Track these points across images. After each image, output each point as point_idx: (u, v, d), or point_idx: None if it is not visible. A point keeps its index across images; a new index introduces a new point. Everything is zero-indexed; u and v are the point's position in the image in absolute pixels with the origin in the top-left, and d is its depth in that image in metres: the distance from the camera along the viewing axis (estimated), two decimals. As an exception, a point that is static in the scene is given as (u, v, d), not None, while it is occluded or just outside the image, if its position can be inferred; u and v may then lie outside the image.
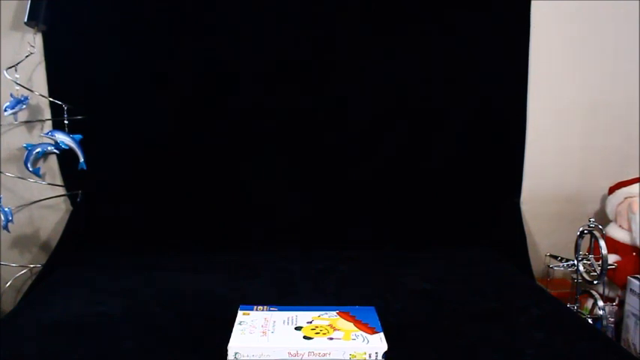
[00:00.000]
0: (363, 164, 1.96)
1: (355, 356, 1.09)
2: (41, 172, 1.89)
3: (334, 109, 1.93)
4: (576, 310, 1.75)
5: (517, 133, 1.98)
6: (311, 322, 1.18)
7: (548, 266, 1.85)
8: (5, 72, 1.76)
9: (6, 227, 1.75)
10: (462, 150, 1.96)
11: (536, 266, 1.93)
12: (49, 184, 1.92)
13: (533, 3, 1.91)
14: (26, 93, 1.79)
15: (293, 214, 1.95)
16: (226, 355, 1.09)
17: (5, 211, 1.73)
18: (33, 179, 1.86)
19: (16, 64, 1.77)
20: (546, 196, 2.04)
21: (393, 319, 1.27)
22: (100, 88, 1.87)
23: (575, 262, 1.76)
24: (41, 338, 1.23)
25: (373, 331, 1.15)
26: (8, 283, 1.87)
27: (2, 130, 1.88)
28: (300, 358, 1.09)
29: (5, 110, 1.75)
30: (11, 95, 1.76)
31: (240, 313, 1.22)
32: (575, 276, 1.77)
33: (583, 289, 1.80)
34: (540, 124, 2.00)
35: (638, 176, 1.98)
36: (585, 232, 1.76)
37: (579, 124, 2.03)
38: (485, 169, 1.98)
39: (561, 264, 1.81)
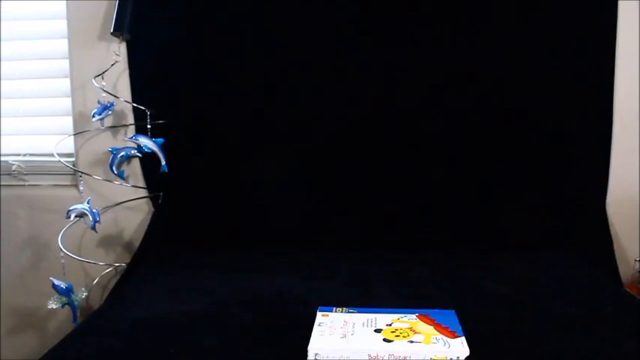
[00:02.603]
0: (440, 168, 1.93)
1: (436, 360, 1.08)
2: (125, 174, 1.97)
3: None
4: (669, 318, 1.66)
5: (603, 131, 1.89)
6: (390, 325, 1.17)
7: (638, 271, 1.76)
8: (93, 80, 1.85)
9: (94, 227, 1.83)
10: (545, 150, 1.90)
11: (625, 271, 1.84)
12: (133, 186, 2.00)
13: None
14: (112, 99, 1.88)
15: (368, 213, 1.94)
16: (306, 355, 1.10)
17: (93, 212, 1.81)
18: (118, 182, 1.94)
19: (103, 73, 1.86)
20: (635, 198, 1.93)
21: (472, 324, 1.24)
22: (180, 93, 1.94)
23: (668, 267, 1.67)
24: (128, 334, 1.28)
25: (454, 335, 1.13)
26: (95, 281, 1.96)
27: (90, 135, 1.98)
28: (379, 360, 1.09)
29: (93, 116, 1.84)
30: (98, 102, 1.85)
31: (319, 314, 1.23)
32: (667, 282, 1.68)
33: (676, 296, 1.70)
34: (628, 121, 1.90)
35: None
36: (678, 235, 1.67)
37: (671, 121, 1.92)
38: (571, 169, 1.90)
39: (652, 269, 1.72)
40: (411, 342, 1.11)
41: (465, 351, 1.08)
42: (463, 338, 1.12)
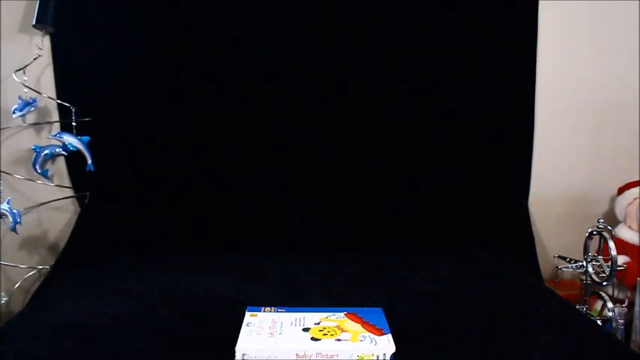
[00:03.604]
0: (368, 164, 1.95)
1: (363, 358, 1.09)
2: (49, 173, 1.90)
3: (336, 110, 1.93)
4: (585, 311, 1.74)
5: (525, 134, 1.97)
6: (319, 324, 1.18)
7: (557, 267, 1.84)
8: (14, 74, 1.77)
9: (14, 229, 1.75)
10: (469, 151, 1.96)
11: (545, 268, 1.92)
12: (58, 185, 1.93)
13: (540, 3, 1.90)
14: (34, 95, 1.80)
15: (295, 214, 1.95)
16: (234, 356, 1.09)
17: (14, 213, 1.74)
18: (41, 181, 1.87)
19: (25, 67, 1.78)
20: (555, 197, 2.03)
21: (400, 321, 1.26)
22: (107, 90, 1.88)
23: (584, 263, 1.75)
24: (50, 339, 1.23)
25: (381, 333, 1.15)
26: (17, 285, 1.87)
27: (11, 132, 1.89)
28: (307, 359, 1.09)
29: (14, 112, 1.76)
30: (20, 98, 1.77)
31: (247, 314, 1.22)
32: (584, 277, 1.76)
33: (592, 291, 1.79)
34: (548, 124, 1.99)
35: (647, 177, 1.97)
36: (594, 233, 1.75)
37: (588, 125, 2.02)
38: (493, 170, 1.97)
39: (570, 265, 1.80)
40: (339, 340, 1.12)
41: (391, 348, 1.10)
42: (390, 335, 1.14)
